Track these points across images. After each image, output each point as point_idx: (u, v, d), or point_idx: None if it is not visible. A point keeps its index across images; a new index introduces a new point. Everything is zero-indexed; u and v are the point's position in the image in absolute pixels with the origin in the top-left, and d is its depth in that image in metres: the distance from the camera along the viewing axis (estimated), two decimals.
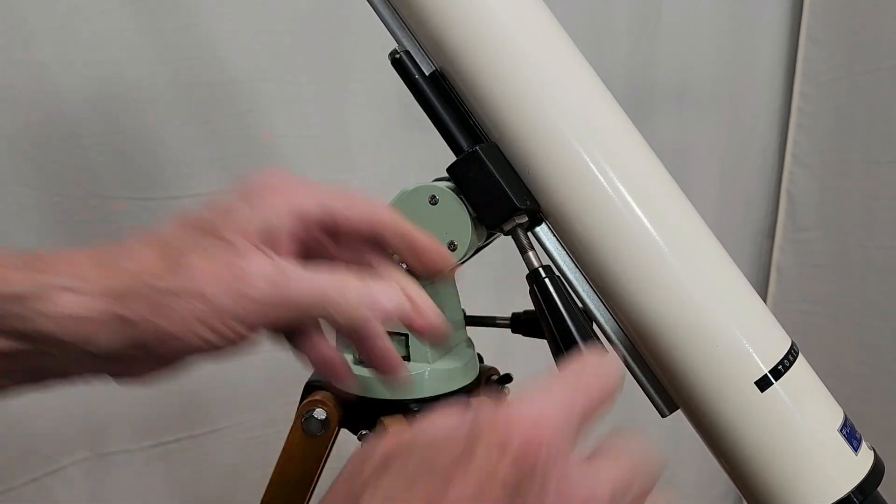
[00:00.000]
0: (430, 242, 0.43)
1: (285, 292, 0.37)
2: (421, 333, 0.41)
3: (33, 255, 0.36)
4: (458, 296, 0.60)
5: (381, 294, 0.38)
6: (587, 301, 0.48)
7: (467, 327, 0.61)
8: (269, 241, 0.38)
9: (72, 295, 0.35)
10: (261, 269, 0.36)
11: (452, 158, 0.48)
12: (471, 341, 0.60)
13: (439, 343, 0.42)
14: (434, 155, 0.53)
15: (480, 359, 0.61)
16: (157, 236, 0.37)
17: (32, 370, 0.38)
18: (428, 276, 0.45)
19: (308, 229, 0.40)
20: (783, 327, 0.49)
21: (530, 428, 0.27)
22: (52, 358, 0.37)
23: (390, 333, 0.55)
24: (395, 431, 0.30)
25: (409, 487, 0.27)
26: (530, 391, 0.29)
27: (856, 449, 0.47)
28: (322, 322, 0.42)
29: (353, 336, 0.41)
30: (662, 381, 0.48)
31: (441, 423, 0.30)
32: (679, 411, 0.49)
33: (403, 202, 0.51)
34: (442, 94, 0.49)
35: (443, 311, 0.57)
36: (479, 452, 0.26)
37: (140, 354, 0.36)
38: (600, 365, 0.30)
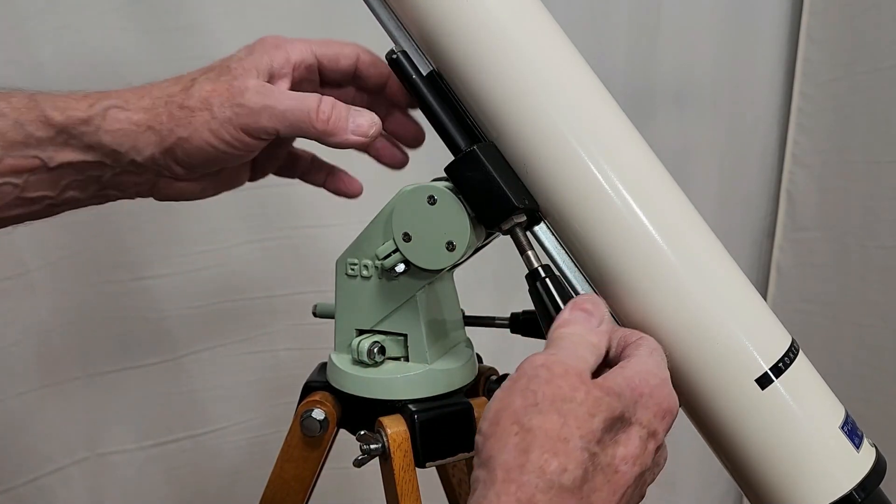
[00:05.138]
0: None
1: (273, 102, 0.46)
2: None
3: (86, 92, 0.47)
4: (457, 296, 0.59)
5: (358, 115, 0.48)
6: None
7: (466, 327, 0.61)
8: (268, 78, 0.48)
9: (120, 112, 0.46)
10: (253, 85, 0.47)
11: (451, 158, 0.48)
12: (470, 341, 0.60)
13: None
14: (433, 155, 0.53)
15: (479, 359, 0.61)
16: (179, 76, 0.49)
17: (97, 181, 0.48)
18: (399, 100, 0.55)
19: (302, 73, 0.50)
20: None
21: (669, 394, 0.39)
22: (110, 168, 0.48)
23: (389, 333, 0.55)
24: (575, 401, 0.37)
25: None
26: (639, 355, 0.40)
27: (857, 446, 0.47)
28: None
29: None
30: None
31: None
32: (679, 409, 0.49)
33: (402, 202, 0.51)
34: (439, 93, 0.49)
35: (442, 312, 0.57)
36: (640, 413, 0.38)
37: (171, 164, 0.48)
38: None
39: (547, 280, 0.46)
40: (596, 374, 0.40)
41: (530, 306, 0.47)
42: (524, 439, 0.35)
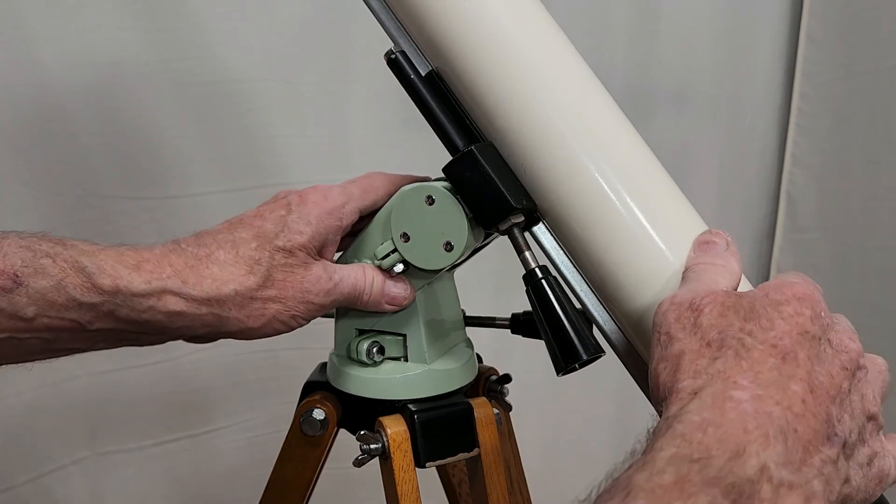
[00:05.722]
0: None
1: (334, 295, 0.51)
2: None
3: (136, 254, 0.46)
4: (457, 296, 0.60)
5: (394, 288, 0.53)
6: (585, 301, 0.48)
7: (467, 327, 0.61)
8: (322, 249, 0.51)
9: (177, 297, 0.46)
10: (320, 283, 0.50)
11: (449, 158, 0.48)
12: (470, 341, 0.60)
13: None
14: (433, 155, 0.54)
15: (480, 359, 0.61)
16: (236, 245, 0.49)
17: (133, 341, 0.48)
18: None
19: (347, 230, 0.53)
20: None
21: (813, 292, 0.41)
22: (151, 337, 0.48)
23: (389, 333, 0.55)
24: (713, 294, 0.39)
25: (764, 325, 0.37)
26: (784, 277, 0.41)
27: None
28: None
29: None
30: None
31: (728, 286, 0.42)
32: None
33: (401, 202, 0.51)
34: (438, 93, 0.49)
35: (441, 312, 0.57)
36: (788, 305, 0.39)
37: (222, 336, 0.49)
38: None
39: (543, 281, 0.46)
40: None
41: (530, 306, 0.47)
42: (668, 367, 0.38)
